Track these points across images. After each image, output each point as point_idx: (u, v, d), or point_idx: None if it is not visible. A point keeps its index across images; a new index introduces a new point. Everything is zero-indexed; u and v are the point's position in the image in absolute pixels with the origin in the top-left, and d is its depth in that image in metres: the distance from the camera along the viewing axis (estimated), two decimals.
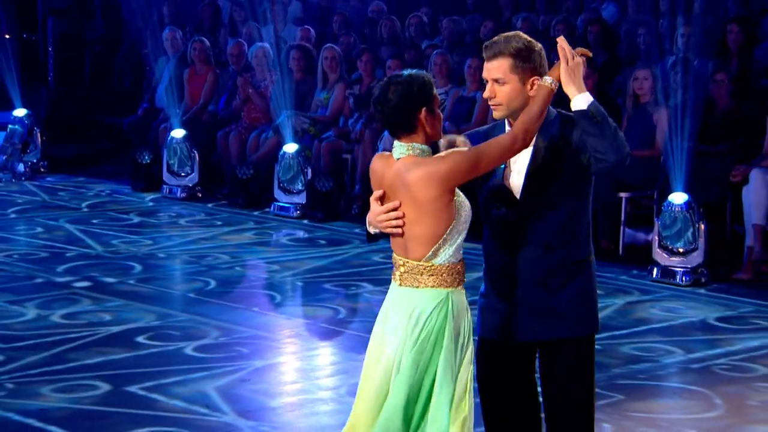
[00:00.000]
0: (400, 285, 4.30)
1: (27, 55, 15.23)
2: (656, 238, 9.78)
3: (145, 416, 6.87)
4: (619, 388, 7.17)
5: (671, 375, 7.56)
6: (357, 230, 11.67)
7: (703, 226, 9.56)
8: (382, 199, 4.29)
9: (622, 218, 10.49)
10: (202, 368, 7.76)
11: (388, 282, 9.69)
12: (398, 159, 4.19)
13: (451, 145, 4.39)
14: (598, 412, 6.53)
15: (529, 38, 4.36)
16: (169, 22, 14.65)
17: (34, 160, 14.10)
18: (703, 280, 9.51)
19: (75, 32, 16.47)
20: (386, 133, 11.83)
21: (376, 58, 12.92)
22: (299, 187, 11.95)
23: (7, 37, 15.33)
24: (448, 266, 4.20)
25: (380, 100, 4.22)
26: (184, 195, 12.80)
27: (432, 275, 4.24)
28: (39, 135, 14.16)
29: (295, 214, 12.04)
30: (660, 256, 9.68)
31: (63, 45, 16.26)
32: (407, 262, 4.25)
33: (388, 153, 4.35)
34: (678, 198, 9.59)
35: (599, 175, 4.51)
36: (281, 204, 12.20)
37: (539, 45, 4.38)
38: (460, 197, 4.20)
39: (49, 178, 14.08)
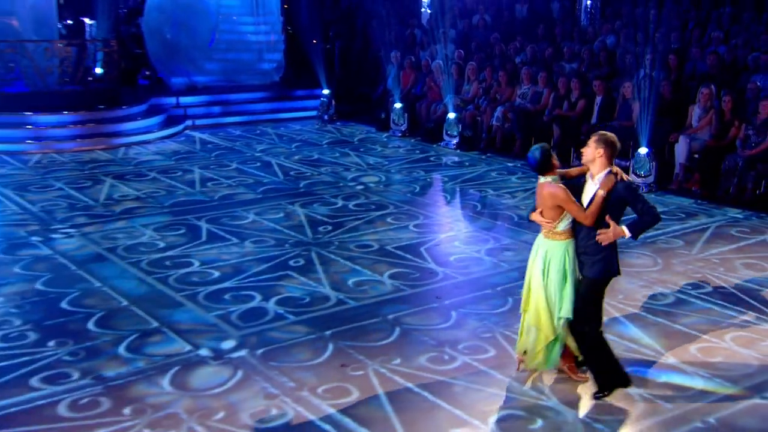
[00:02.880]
0: (545, 237, 4.54)
1: (326, 58, 14.90)
2: (632, 167, 9.53)
3: (388, 262, 6.77)
4: None
5: (636, 246, 7.13)
6: (483, 157, 11.16)
7: (654, 163, 9.46)
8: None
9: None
10: (417, 237, 7.53)
11: (502, 188, 9.74)
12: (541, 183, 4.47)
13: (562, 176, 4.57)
14: None
15: (609, 137, 4.40)
16: (393, 43, 14.30)
17: (332, 113, 13.90)
18: (653, 190, 9.32)
19: (347, 46, 16.15)
20: (499, 108, 11.91)
21: (494, 67, 12.58)
22: (455, 134, 11.79)
23: (314, 42, 14.97)
24: (566, 230, 4.48)
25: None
26: (400, 135, 12.60)
27: (559, 233, 4.50)
28: (333, 101, 13.95)
29: (453, 148, 11.68)
30: (633, 177, 9.45)
31: (342, 52, 15.91)
32: (548, 229, 4.50)
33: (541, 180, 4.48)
34: (642, 150, 9.48)
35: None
36: (447, 142, 11.86)
37: (613, 140, 4.39)
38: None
39: (338, 124, 13.73)
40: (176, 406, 4.53)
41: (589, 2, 15.51)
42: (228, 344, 5.27)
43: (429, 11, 16.67)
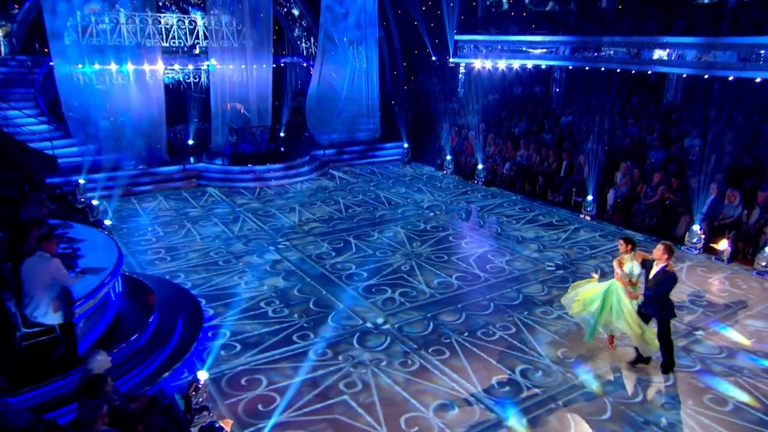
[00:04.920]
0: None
1: (405, 121, 13.95)
2: (583, 207, 9.43)
3: (453, 268, 6.55)
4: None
5: (590, 260, 7.00)
6: (498, 192, 10.52)
7: (595, 204, 9.36)
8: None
9: (574, 194, 10.03)
10: (467, 250, 7.24)
11: (510, 215, 8.81)
12: None
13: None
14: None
15: (670, 246, 4.11)
16: (442, 113, 13.75)
17: (409, 158, 13.48)
18: (594, 219, 9.18)
19: (416, 113, 15.48)
20: (508, 163, 11.11)
21: (504, 137, 12.19)
22: (482, 177, 11.33)
23: (392, 103, 14.68)
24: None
25: None
26: (450, 173, 11.64)
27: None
28: (410, 149, 13.59)
29: (480, 185, 11.06)
30: (584, 211, 9.42)
31: (413, 118, 15.15)
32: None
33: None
34: (590, 196, 9.34)
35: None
36: (477, 181, 11.24)
37: (672, 249, 4.16)
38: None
39: (413, 165, 12.85)
40: (362, 357, 5.17)
41: (557, 89, 15.40)
42: (380, 320, 5.63)
43: (462, 91, 16.66)
